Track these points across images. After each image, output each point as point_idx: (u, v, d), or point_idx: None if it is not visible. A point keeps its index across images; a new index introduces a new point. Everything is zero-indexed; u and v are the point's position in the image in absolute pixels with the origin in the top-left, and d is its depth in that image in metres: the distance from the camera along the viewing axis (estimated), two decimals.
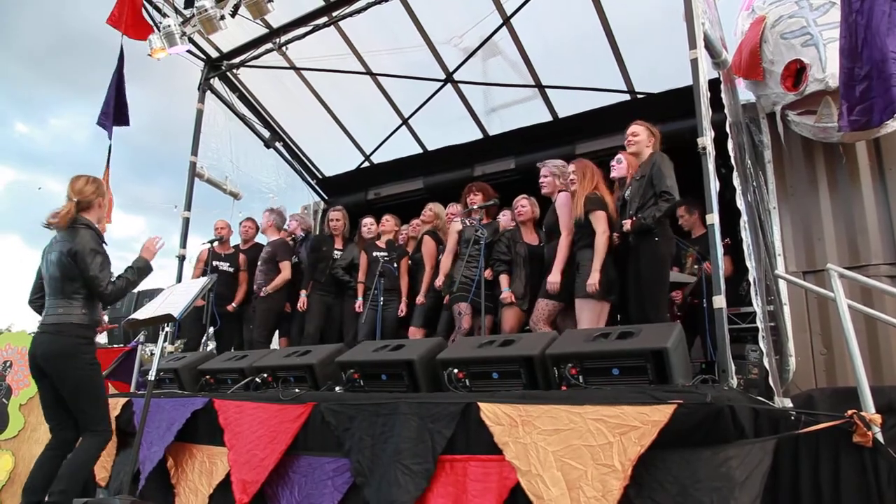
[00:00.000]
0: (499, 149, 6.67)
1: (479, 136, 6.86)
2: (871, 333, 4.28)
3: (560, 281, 4.30)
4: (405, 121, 6.98)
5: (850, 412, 2.43)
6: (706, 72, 3.67)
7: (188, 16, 5.58)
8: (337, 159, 7.80)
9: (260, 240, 6.62)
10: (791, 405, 3.02)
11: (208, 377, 4.84)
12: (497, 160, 6.68)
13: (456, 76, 6.40)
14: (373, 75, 6.64)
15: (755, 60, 4.75)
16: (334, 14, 5.67)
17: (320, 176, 8.04)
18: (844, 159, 4.72)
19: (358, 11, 5.46)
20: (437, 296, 5.26)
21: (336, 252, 6.18)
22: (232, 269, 6.36)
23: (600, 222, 4.13)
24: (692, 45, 3.64)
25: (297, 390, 4.00)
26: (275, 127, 7.48)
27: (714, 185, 3.43)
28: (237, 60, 6.50)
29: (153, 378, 3.80)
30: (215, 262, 6.24)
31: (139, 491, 4.13)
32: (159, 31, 5.60)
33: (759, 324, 3.47)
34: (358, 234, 6.22)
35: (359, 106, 7.12)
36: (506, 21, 5.74)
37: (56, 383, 3.53)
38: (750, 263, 3.55)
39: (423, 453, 3.07)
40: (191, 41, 5.92)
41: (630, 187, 4.16)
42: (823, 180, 4.84)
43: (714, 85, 3.86)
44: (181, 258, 6.04)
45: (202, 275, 6.16)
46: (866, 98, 3.57)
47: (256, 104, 7.28)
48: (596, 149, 5.83)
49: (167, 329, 4.01)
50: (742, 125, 4.66)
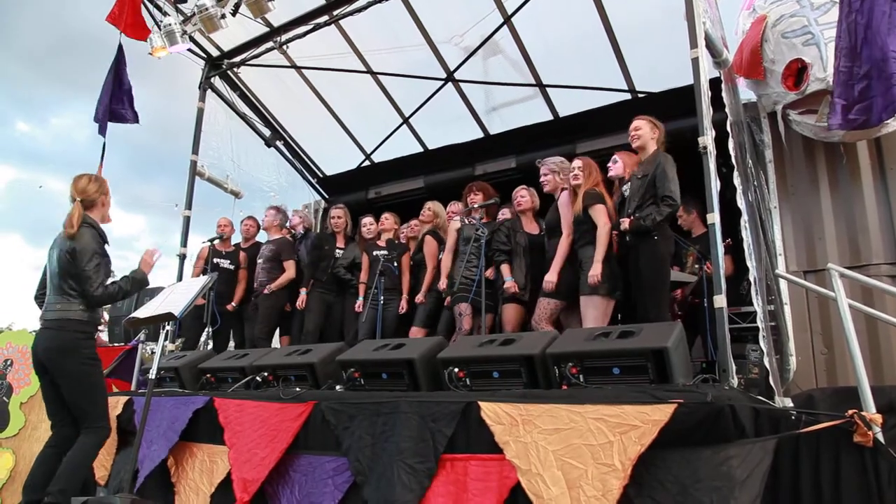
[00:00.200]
0: (500, 148, 6.66)
1: (480, 135, 6.85)
2: (872, 333, 4.28)
3: (557, 280, 4.29)
4: (406, 120, 6.97)
5: (851, 412, 2.43)
6: (707, 71, 3.67)
7: (189, 14, 5.58)
8: (338, 158, 7.79)
9: (259, 238, 6.63)
10: (791, 405, 3.02)
11: (209, 376, 4.84)
12: (498, 159, 6.68)
13: (457, 75, 6.39)
14: (373, 74, 6.64)
15: (756, 59, 4.74)
16: (335, 13, 5.67)
17: (321, 175, 8.03)
18: (845, 159, 4.72)
19: (359, 10, 5.46)
20: (439, 296, 5.26)
21: (338, 251, 6.18)
22: (233, 267, 6.36)
23: (600, 215, 4.14)
24: (693, 45, 3.64)
25: (298, 389, 4.00)
26: (275, 126, 7.48)
27: (715, 185, 3.43)
28: (238, 59, 6.49)
29: (154, 376, 3.81)
30: (216, 259, 6.24)
31: (137, 489, 4.13)
32: (160, 30, 5.60)
33: (760, 323, 3.47)
34: (359, 234, 6.22)
35: (359, 105, 7.12)
36: (507, 20, 5.73)
37: (56, 378, 3.54)
38: (750, 263, 3.55)
39: (425, 452, 3.07)
40: (191, 40, 5.91)
41: (630, 184, 4.15)
42: (824, 180, 4.83)
43: (715, 84, 3.85)
44: (182, 257, 6.05)
45: (202, 272, 6.17)
46: (865, 97, 3.57)
47: (257, 103, 7.28)
48: (597, 148, 5.82)
49: (168, 328, 4.02)
50: (743, 124, 4.65)
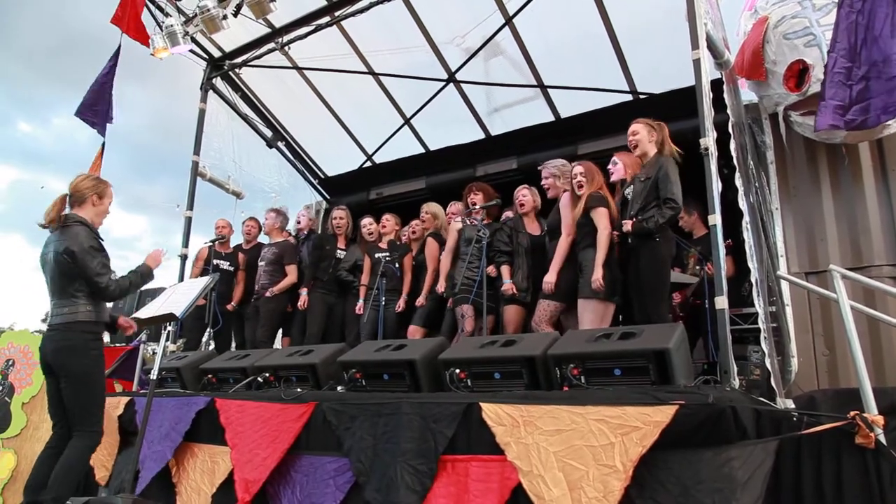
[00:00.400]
0: (501, 149, 6.66)
1: (482, 136, 6.85)
2: (874, 335, 4.28)
3: (555, 281, 4.29)
4: (407, 121, 6.98)
5: (853, 413, 2.42)
6: (709, 72, 3.66)
7: (191, 15, 5.59)
8: (339, 159, 7.79)
9: (261, 239, 6.64)
10: (793, 406, 3.01)
11: (210, 376, 4.85)
12: (499, 160, 6.67)
13: (458, 76, 6.39)
14: (375, 75, 6.64)
15: (758, 61, 4.74)
16: (336, 14, 5.68)
17: (322, 176, 8.04)
18: (847, 160, 4.72)
19: (360, 11, 5.46)
20: (440, 296, 5.26)
21: (339, 252, 6.18)
22: (232, 268, 6.38)
23: (602, 219, 4.13)
24: (695, 46, 3.63)
25: (299, 390, 4.00)
26: (277, 126, 7.49)
27: (716, 186, 3.43)
28: (239, 60, 6.50)
29: (155, 377, 3.81)
30: (216, 261, 6.26)
31: (141, 490, 4.14)
32: (162, 31, 5.60)
33: (761, 325, 3.46)
34: (360, 236, 6.23)
35: (361, 106, 7.12)
36: (508, 21, 5.74)
37: (60, 377, 3.53)
38: (752, 264, 3.54)
39: (427, 453, 3.07)
40: (193, 41, 5.92)
41: (632, 186, 4.15)
42: (826, 181, 4.83)
43: (716, 85, 3.85)
44: (183, 257, 6.05)
45: (202, 273, 6.17)
46: (864, 98, 3.57)
47: (259, 104, 7.29)
48: (598, 149, 5.81)
49: (169, 328, 4.02)
50: (744, 126, 4.65)
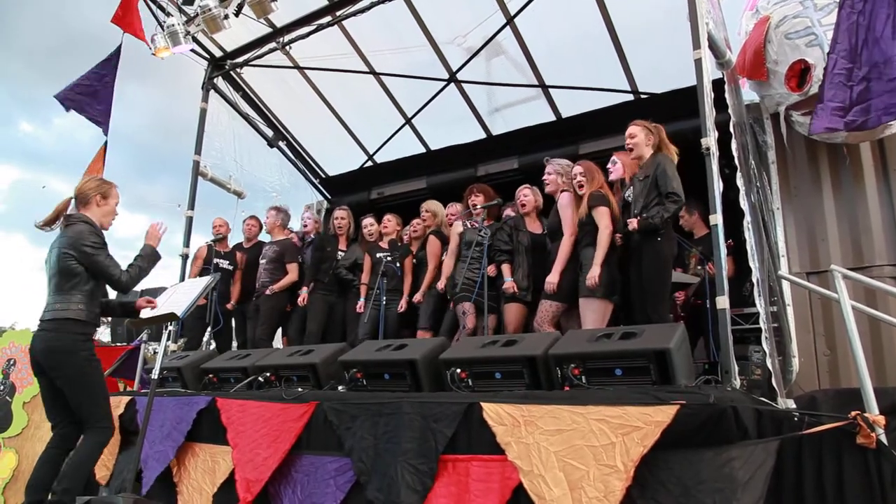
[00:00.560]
0: (502, 149, 6.66)
1: (483, 136, 6.85)
2: (875, 334, 4.27)
3: (558, 282, 4.29)
4: (408, 120, 6.98)
5: (854, 413, 2.42)
6: (710, 72, 3.66)
7: (192, 15, 5.59)
8: (340, 159, 7.80)
9: (262, 238, 6.64)
10: (794, 406, 3.01)
11: (211, 376, 4.85)
12: (500, 160, 6.68)
13: (459, 76, 6.39)
14: (376, 75, 6.64)
15: (759, 60, 4.74)
16: (338, 13, 5.67)
17: (324, 175, 8.04)
18: (848, 160, 4.71)
19: (361, 11, 5.46)
20: (441, 295, 5.26)
21: (339, 252, 6.18)
22: (231, 267, 6.39)
23: (603, 217, 4.13)
24: (696, 45, 3.63)
25: (300, 389, 4.00)
26: (278, 126, 7.49)
27: (717, 186, 3.43)
28: (241, 60, 6.50)
29: (156, 376, 3.82)
30: (216, 260, 6.27)
31: (146, 491, 4.14)
32: (163, 30, 5.61)
33: (763, 325, 3.46)
34: (360, 235, 6.23)
35: (362, 105, 7.12)
36: (509, 21, 5.74)
37: (55, 380, 3.53)
38: (753, 264, 3.54)
39: (428, 453, 3.08)
40: (194, 40, 5.93)
41: (632, 188, 4.15)
42: (827, 181, 4.83)
43: (718, 85, 3.84)
44: (184, 257, 6.06)
45: (201, 272, 6.18)
46: (864, 99, 3.56)
47: (260, 103, 7.29)
48: (599, 149, 5.82)
49: (170, 328, 4.03)
50: (746, 125, 4.64)
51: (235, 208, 7.03)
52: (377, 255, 5.78)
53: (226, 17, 5.47)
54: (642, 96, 5.84)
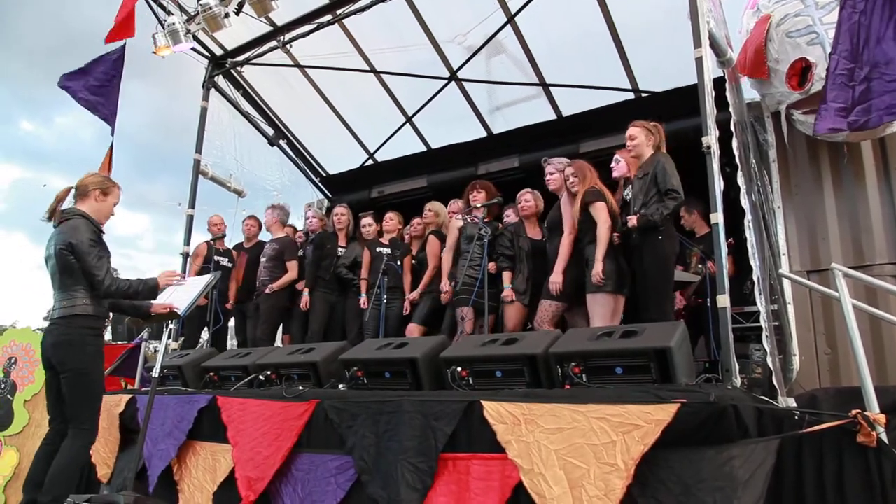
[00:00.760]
0: (503, 147, 6.66)
1: (483, 135, 6.85)
2: (876, 333, 4.27)
3: (562, 281, 4.29)
4: (409, 119, 6.97)
5: (855, 412, 2.42)
6: (711, 70, 3.65)
7: (192, 13, 5.58)
8: (341, 157, 7.80)
9: (262, 237, 6.65)
10: (795, 405, 3.01)
11: (212, 374, 4.85)
12: (501, 158, 6.68)
13: (460, 74, 6.39)
14: (377, 73, 6.64)
15: (760, 59, 4.73)
16: (338, 12, 5.66)
17: (324, 174, 8.04)
18: (847, 158, 4.70)
19: (362, 9, 5.45)
20: (440, 294, 5.26)
21: (339, 249, 6.18)
22: (231, 266, 6.39)
23: (601, 213, 4.13)
24: (697, 44, 3.62)
25: (301, 388, 4.01)
26: (279, 125, 7.49)
27: (718, 184, 3.42)
28: (241, 58, 6.49)
29: (157, 375, 3.82)
30: (216, 258, 6.27)
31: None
32: (164, 29, 5.60)
33: (763, 323, 3.46)
34: (359, 233, 6.23)
35: (363, 104, 7.12)
36: (510, 19, 5.73)
37: (60, 374, 3.53)
38: (754, 263, 3.54)
39: (428, 451, 3.08)
40: (195, 39, 5.92)
41: (632, 185, 4.15)
42: (828, 179, 4.82)
43: (719, 83, 3.84)
44: (185, 255, 6.06)
45: (201, 271, 6.18)
46: (866, 99, 3.56)
47: (261, 102, 7.29)
48: (600, 147, 5.82)
49: (171, 326, 4.03)
50: (747, 124, 4.64)
51: (236, 207, 7.04)
52: (377, 250, 5.78)
53: (226, 16, 5.46)
54: (643, 95, 5.83)
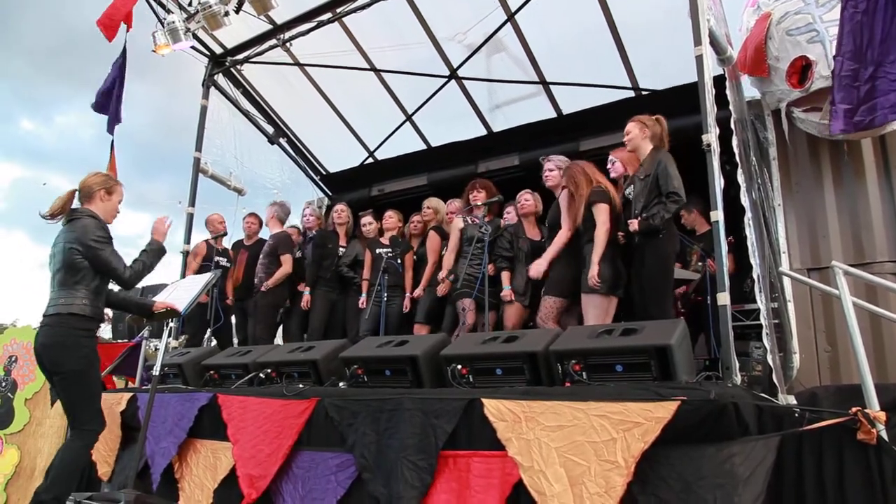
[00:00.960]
0: (503, 145, 6.66)
1: (483, 133, 6.85)
2: (876, 331, 4.27)
3: (545, 269, 4.31)
4: (409, 117, 6.97)
5: (855, 409, 2.42)
6: (711, 68, 3.65)
7: (192, 12, 5.58)
8: (341, 155, 7.80)
9: (263, 235, 6.65)
10: (795, 402, 3.02)
11: (212, 373, 4.85)
12: (501, 157, 6.67)
13: (460, 72, 6.38)
14: (377, 71, 6.63)
15: (760, 57, 4.73)
16: (338, 10, 5.66)
17: (324, 172, 8.04)
18: (847, 155, 4.70)
19: (362, 7, 5.45)
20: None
21: (340, 248, 6.18)
22: (230, 265, 6.40)
23: (601, 214, 4.12)
24: (697, 42, 3.62)
25: (301, 386, 4.01)
26: (279, 123, 7.49)
27: (719, 182, 3.42)
28: (241, 57, 6.49)
29: (158, 373, 3.82)
30: (216, 258, 6.27)
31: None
32: (164, 27, 5.60)
33: (763, 321, 3.46)
34: (359, 231, 6.23)
35: (363, 102, 7.12)
36: (510, 17, 5.73)
37: (53, 375, 3.52)
38: (754, 260, 3.54)
39: (428, 449, 3.08)
40: (195, 37, 5.92)
41: (633, 186, 4.14)
42: (828, 177, 4.82)
43: (719, 81, 3.84)
44: (185, 254, 6.06)
45: (200, 270, 6.18)
46: (871, 98, 3.56)
47: (260, 100, 7.28)
48: (600, 145, 5.81)
49: (171, 324, 4.03)
50: (747, 122, 4.64)
51: (236, 205, 7.04)
52: (377, 251, 5.78)
53: (226, 14, 5.46)
54: (643, 93, 5.82)
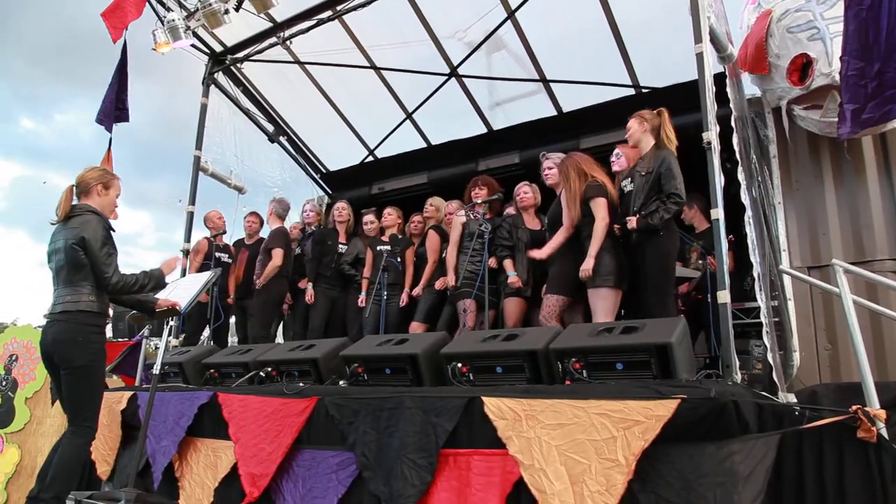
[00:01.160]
0: (503, 143, 6.66)
1: (484, 131, 6.84)
2: (876, 329, 4.27)
3: (546, 257, 4.31)
4: (409, 115, 6.97)
5: (855, 407, 2.42)
6: (711, 66, 3.65)
7: (192, 10, 5.58)
8: (341, 154, 7.80)
9: (264, 234, 6.65)
10: (795, 400, 3.01)
11: (213, 371, 4.85)
12: (501, 154, 6.67)
13: (460, 70, 6.38)
14: (377, 69, 6.63)
15: (761, 55, 4.72)
16: (338, 8, 5.65)
17: (324, 170, 8.04)
18: (847, 154, 4.69)
19: (362, 5, 5.44)
20: (440, 291, 5.25)
21: (340, 246, 6.18)
22: (231, 261, 6.40)
23: (600, 209, 4.12)
24: (697, 40, 3.61)
25: (301, 384, 4.01)
26: (279, 121, 7.48)
27: (719, 180, 3.42)
28: (241, 55, 6.48)
29: (158, 372, 3.82)
30: (217, 255, 6.27)
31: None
32: (164, 25, 5.60)
33: (764, 319, 3.46)
34: (361, 230, 6.22)
35: (363, 100, 7.11)
36: (510, 15, 5.72)
37: (62, 371, 3.52)
38: (754, 259, 3.54)
39: (428, 447, 3.08)
40: (195, 35, 5.92)
41: (632, 180, 4.13)
42: (829, 175, 4.81)
43: (719, 79, 3.83)
44: (185, 252, 6.06)
45: (201, 268, 6.18)
46: (879, 93, 3.54)
47: (261, 99, 7.28)
48: (600, 143, 5.81)
49: (172, 323, 4.03)
50: (747, 120, 4.63)
51: (236, 204, 7.05)
52: (378, 249, 5.78)
53: (226, 12, 5.46)
54: (643, 91, 5.82)
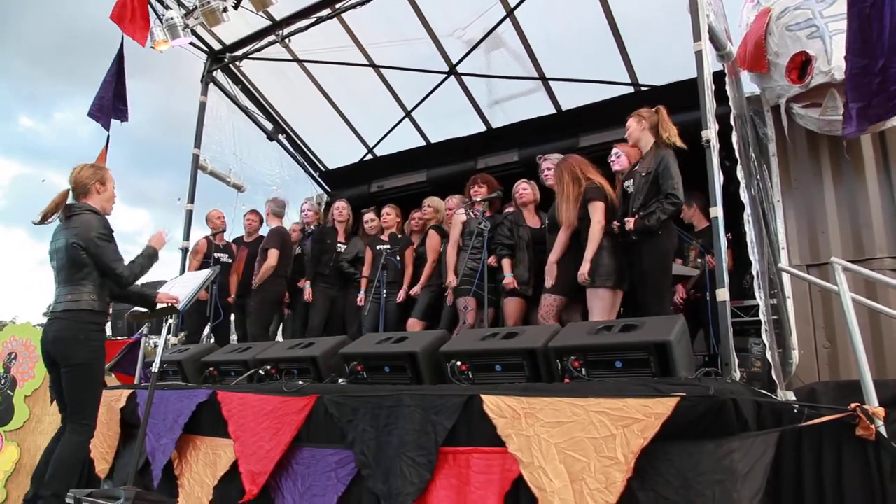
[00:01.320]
0: (502, 141, 6.66)
1: (483, 129, 6.84)
2: (875, 327, 4.27)
3: (555, 263, 4.30)
4: (408, 113, 6.96)
5: (854, 405, 2.43)
6: (710, 64, 3.64)
7: (191, 8, 5.57)
8: (340, 152, 7.79)
9: (264, 232, 6.64)
10: (794, 398, 3.01)
11: (212, 369, 4.86)
12: (500, 153, 6.68)
13: (459, 68, 6.37)
14: (376, 67, 6.62)
15: (760, 53, 4.72)
16: (337, 6, 5.65)
17: (323, 168, 8.03)
18: (846, 152, 4.69)
19: (361, 3, 5.44)
20: (438, 288, 5.25)
21: (339, 245, 6.17)
22: (231, 261, 6.39)
23: (597, 212, 4.12)
24: (696, 38, 3.61)
25: (301, 382, 4.01)
26: (278, 119, 7.48)
27: (718, 178, 3.42)
28: (240, 53, 6.47)
29: (157, 370, 3.82)
30: (216, 254, 6.26)
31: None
32: (162, 24, 5.59)
33: (763, 317, 3.46)
34: (361, 229, 6.22)
35: (362, 98, 7.10)
36: (509, 13, 5.71)
37: (63, 369, 3.54)
38: (753, 257, 3.54)
39: (427, 445, 3.08)
40: (193, 33, 5.91)
41: (633, 181, 4.13)
42: (828, 173, 4.81)
43: (718, 77, 3.83)
44: (184, 250, 6.06)
45: (201, 266, 6.17)
46: (884, 88, 3.54)
47: (259, 97, 7.27)
48: (599, 141, 5.81)
49: (171, 321, 4.03)
50: (746, 118, 4.63)
51: (235, 202, 7.05)
52: (377, 248, 5.78)
53: (225, 10, 5.46)
54: (643, 89, 5.81)
